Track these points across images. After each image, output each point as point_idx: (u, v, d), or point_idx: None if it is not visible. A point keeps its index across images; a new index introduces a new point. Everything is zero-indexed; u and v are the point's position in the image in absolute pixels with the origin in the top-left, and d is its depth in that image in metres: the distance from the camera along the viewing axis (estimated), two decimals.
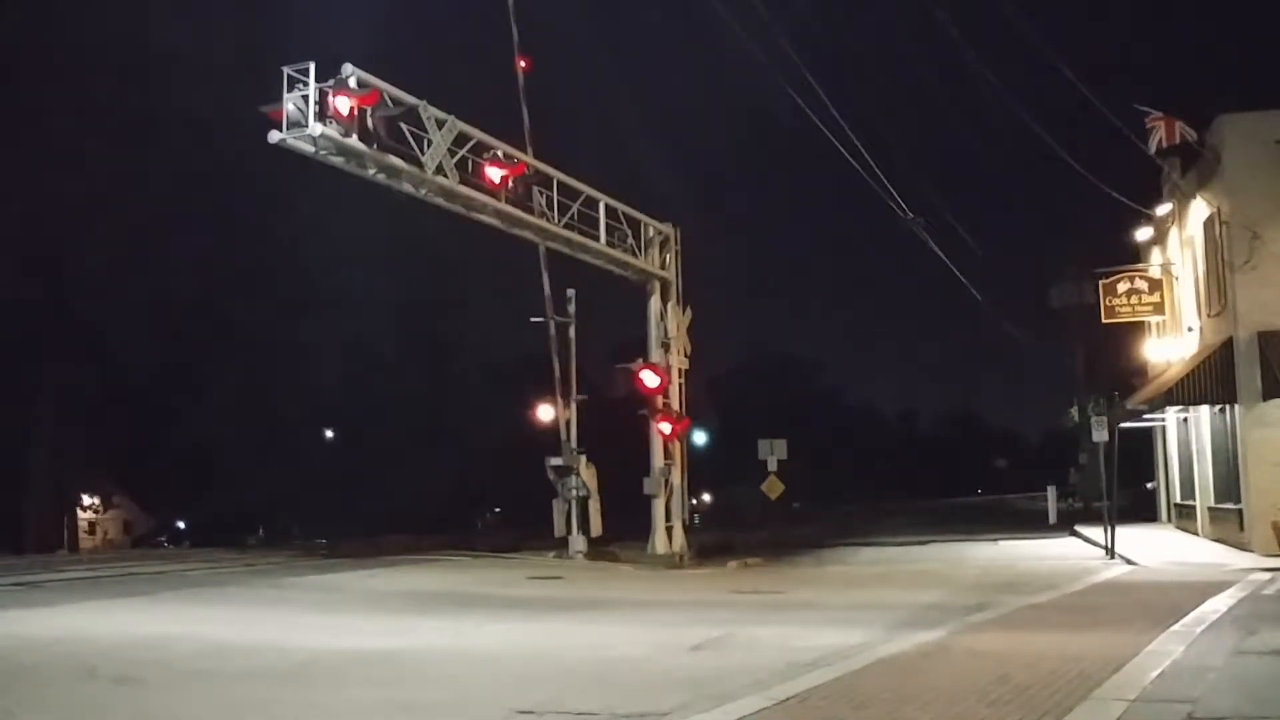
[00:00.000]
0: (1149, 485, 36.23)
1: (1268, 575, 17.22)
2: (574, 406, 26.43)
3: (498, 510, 66.05)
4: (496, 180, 19.72)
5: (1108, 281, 28.12)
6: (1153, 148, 22.26)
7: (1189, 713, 6.97)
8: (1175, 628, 10.94)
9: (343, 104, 16.39)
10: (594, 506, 25.51)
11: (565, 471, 25.38)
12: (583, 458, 25.50)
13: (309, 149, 16.72)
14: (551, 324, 26.51)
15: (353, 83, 16.54)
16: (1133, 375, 32.17)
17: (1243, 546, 21.70)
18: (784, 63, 21.21)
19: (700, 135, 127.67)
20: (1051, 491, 40.04)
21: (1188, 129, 21.92)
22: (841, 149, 21.14)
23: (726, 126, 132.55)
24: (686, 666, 9.47)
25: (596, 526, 25.44)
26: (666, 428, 25.13)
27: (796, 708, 7.38)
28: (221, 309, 51.95)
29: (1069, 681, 8.03)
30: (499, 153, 19.96)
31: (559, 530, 25.61)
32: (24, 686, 8.88)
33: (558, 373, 26.48)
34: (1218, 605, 13.02)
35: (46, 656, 10.28)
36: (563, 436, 25.97)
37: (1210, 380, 22.31)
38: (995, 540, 29.78)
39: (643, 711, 7.35)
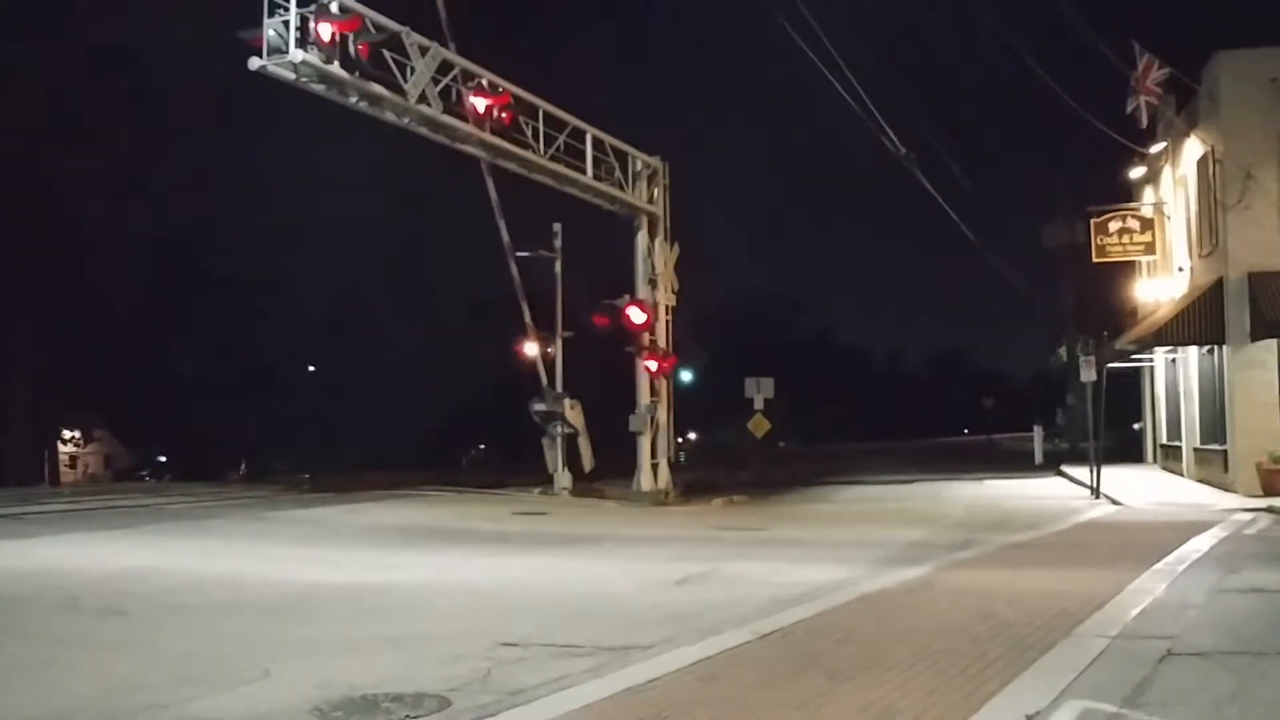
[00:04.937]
0: (1136, 426, 36.41)
1: (1250, 515, 17.34)
2: (559, 342, 26.30)
3: (483, 446, 66.14)
4: (481, 110, 19.35)
5: (1099, 220, 27.88)
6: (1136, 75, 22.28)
7: (1169, 648, 6.99)
8: (1158, 566, 10.99)
9: (324, 30, 16.01)
10: (583, 443, 25.54)
11: (550, 418, 25.39)
12: (566, 400, 25.44)
13: (289, 76, 16.38)
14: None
15: (334, 8, 16.13)
16: (1122, 315, 32.11)
17: (1227, 487, 21.84)
18: None
19: (692, 71, 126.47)
20: (1038, 431, 40.24)
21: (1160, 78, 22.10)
22: (835, 83, 20.82)
23: (718, 62, 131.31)
24: (671, 601, 9.47)
25: (588, 461, 25.45)
26: (653, 365, 24.96)
27: (780, 641, 7.38)
28: (205, 241, 51.41)
29: (1051, 618, 8.05)
30: (483, 81, 19.59)
31: (551, 467, 25.64)
32: (5, 616, 8.85)
33: (526, 313, 26.22)
34: (1200, 544, 13.10)
35: (28, 588, 10.25)
36: (543, 380, 25.88)
37: (1199, 321, 22.26)
38: (981, 480, 29.92)
39: (627, 644, 7.33)
